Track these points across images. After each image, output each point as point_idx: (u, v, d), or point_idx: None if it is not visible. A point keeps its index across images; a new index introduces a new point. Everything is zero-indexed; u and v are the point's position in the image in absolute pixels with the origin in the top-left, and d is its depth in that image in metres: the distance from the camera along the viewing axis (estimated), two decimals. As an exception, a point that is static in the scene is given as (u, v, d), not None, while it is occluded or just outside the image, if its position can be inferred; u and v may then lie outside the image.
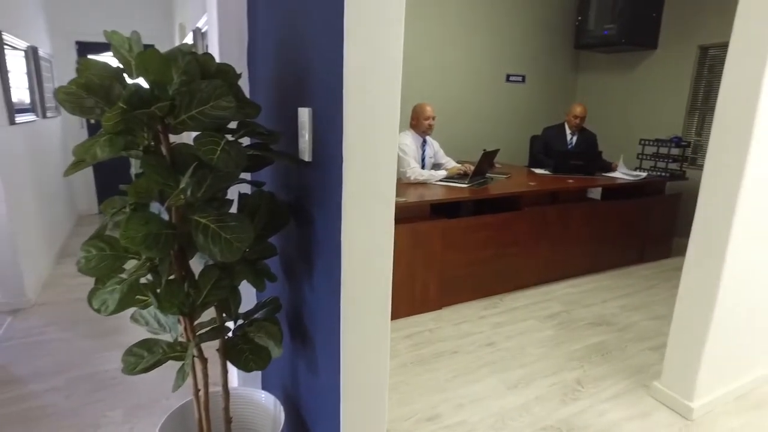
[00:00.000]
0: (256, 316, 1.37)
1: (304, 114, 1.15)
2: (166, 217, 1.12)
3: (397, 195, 3.00)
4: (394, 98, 1.02)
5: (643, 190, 4.13)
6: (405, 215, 2.93)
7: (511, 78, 5.24)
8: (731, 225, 1.95)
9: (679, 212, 4.41)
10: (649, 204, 4.11)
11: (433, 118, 3.61)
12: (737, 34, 1.90)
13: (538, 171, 4.20)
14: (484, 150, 3.68)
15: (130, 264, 1.15)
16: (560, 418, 2.14)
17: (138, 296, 1.16)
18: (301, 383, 1.46)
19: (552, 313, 3.18)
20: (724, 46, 4.38)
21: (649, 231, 4.19)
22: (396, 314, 3.02)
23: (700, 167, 4.55)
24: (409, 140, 3.55)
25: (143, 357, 1.17)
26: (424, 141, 3.69)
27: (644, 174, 4.14)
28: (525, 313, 3.17)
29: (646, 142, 4.34)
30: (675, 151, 4.26)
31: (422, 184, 3.40)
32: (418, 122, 3.59)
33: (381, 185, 1.06)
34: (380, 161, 1.05)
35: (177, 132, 1.09)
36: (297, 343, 1.44)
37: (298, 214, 1.32)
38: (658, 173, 4.25)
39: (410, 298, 3.04)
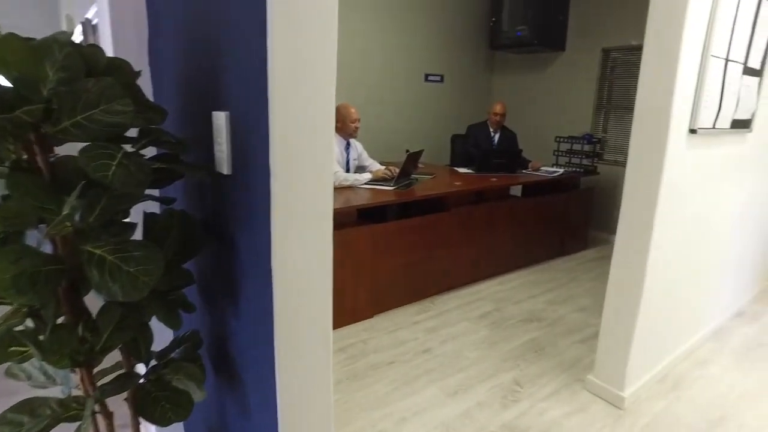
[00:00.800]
0: (172, 355, 1.17)
1: (220, 118, 0.97)
2: (49, 249, 0.90)
3: (324, 201, 2.86)
4: (328, 98, 0.88)
5: (560, 186, 4.29)
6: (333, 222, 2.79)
7: (429, 78, 5.25)
8: (653, 218, 2.01)
9: (593, 205, 4.64)
10: (566, 199, 4.27)
11: (359, 120, 3.49)
12: (650, 37, 1.95)
13: (461, 170, 4.22)
14: (408, 151, 3.62)
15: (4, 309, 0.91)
16: (503, 423, 2.11)
17: (13, 348, 0.93)
18: (230, 429, 1.27)
19: (484, 313, 3.17)
20: (623, 49, 4.66)
21: (568, 225, 4.36)
22: (328, 326, 2.86)
23: (607, 162, 4.82)
24: (333, 143, 3.40)
25: (22, 425, 0.93)
26: (348, 144, 3.55)
27: (561, 170, 4.29)
28: (458, 315, 3.14)
29: (561, 140, 4.52)
30: (587, 147, 4.46)
31: (348, 188, 3.27)
32: (344, 125, 3.45)
33: (317, 198, 0.92)
34: (316, 170, 0.91)
35: (58, 143, 0.88)
36: (223, 382, 1.26)
37: (219, 235, 1.14)
38: (573, 169, 4.43)
39: (341, 308, 2.90)
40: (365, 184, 3.36)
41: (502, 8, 5.07)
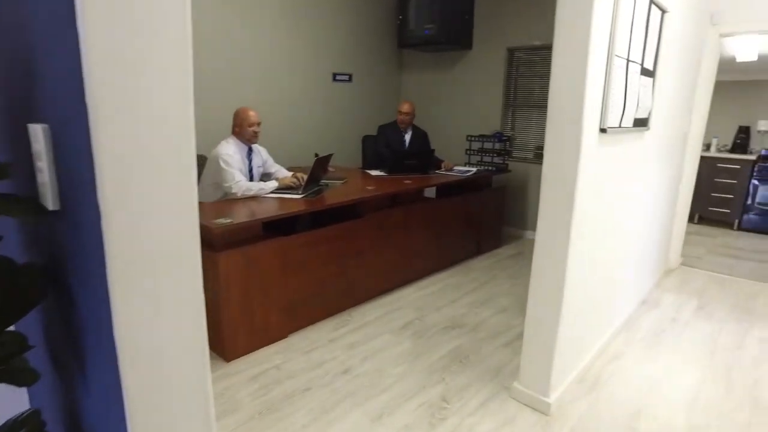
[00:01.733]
0: (2, 447, 0.88)
1: (37, 134, 0.71)
2: None
3: (223, 215, 2.56)
4: (183, 101, 0.66)
5: (473, 185, 4.28)
6: (233, 239, 2.51)
7: (338, 77, 5.05)
8: (572, 218, 1.96)
9: (506, 203, 4.69)
10: (480, 198, 4.28)
11: (258, 124, 3.20)
12: (559, 38, 1.89)
13: (373, 173, 4.07)
14: (317, 155, 3.41)
15: None
16: (431, 446, 1.97)
17: None
18: None
19: (406, 323, 3.04)
20: (526, 49, 4.76)
21: (483, 223, 4.37)
22: (234, 353, 2.58)
23: (517, 159, 4.92)
24: (233, 149, 3.10)
25: None
26: (250, 149, 3.26)
27: (474, 170, 4.29)
28: (378, 327, 2.98)
29: (472, 138, 4.52)
30: (498, 145, 4.50)
31: (252, 198, 2.99)
32: (241, 129, 3.16)
33: (176, 236, 0.69)
34: (172, 199, 0.68)
35: None
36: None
37: (55, 284, 0.86)
38: (486, 168, 4.45)
39: (249, 331, 2.63)
40: (271, 193, 3.10)
41: (409, 7, 4.99)
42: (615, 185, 2.40)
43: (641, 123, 2.51)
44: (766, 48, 5.14)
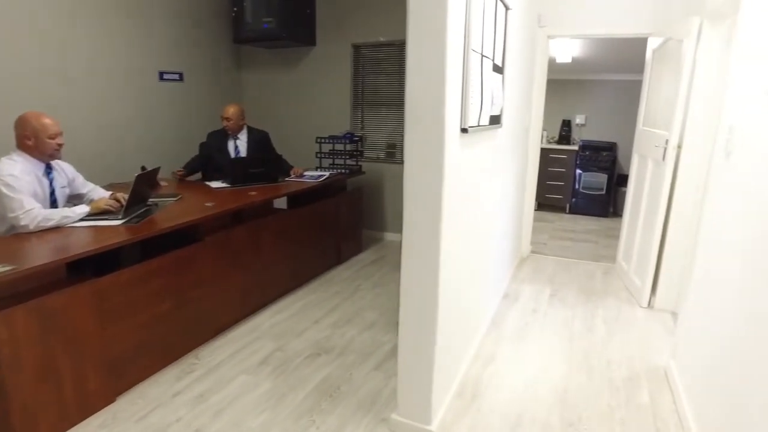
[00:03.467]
0: None
1: None
2: None
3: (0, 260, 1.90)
4: None
5: (328, 191, 4.00)
6: (19, 291, 1.89)
7: (165, 76, 4.38)
8: (440, 224, 1.77)
9: (363, 205, 4.50)
10: (335, 203, 4.01)
11: (61, 135, 2.51)
12: (413, 30, 1.67)
13: (214, 185, 3.56)
14: (143, 168, 2.83)
15: None
16: None
17: None
18: None
19: (264, 357, 2.64)
20: (372, 46, 4.61)
21: (341, 230, 4.12)
22: (38, 439, 1.95)
23: (370, 159, 4.76)
24: (20, 169, 2.37)
25: None
26: (49, 167, 2.55)
27: (327, 174, 4.01)
28: (232, 368, 2.54)
29: (322, 140, 4.23)
30: (349, 146, 4.27)
31: (53, 230, 2.33)
32: (38, 142, 2.42)
33: None
34: None
35: None
36: None
37: None
38: (339, 170, 4.20)
39: (57, 408, 2.01)
40: (82, 220, 2.46)
41: (243, -2, 4.51)
42: (477, 185, 2.30)
43: (496, 120, 2.45)
44: (577, 52, 5.70)
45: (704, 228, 2.28)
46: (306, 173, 4.01)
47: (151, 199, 2.89)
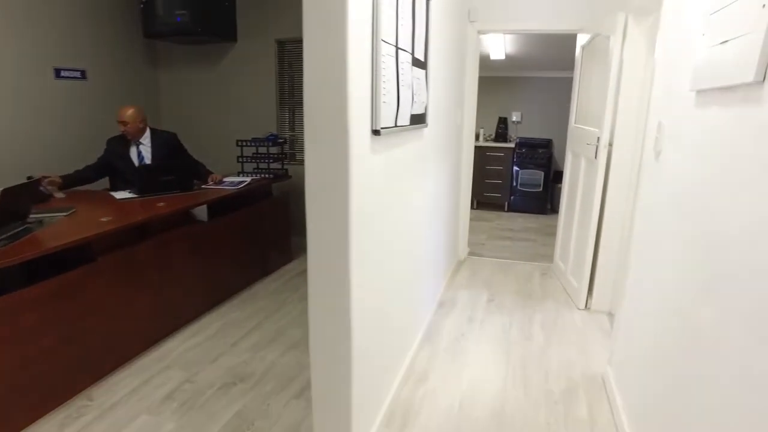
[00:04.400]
0: None
1: None
2: None
3: None
4: None
5: (252, 197, 3.70)
6: None
7: (63, 74, 3.91)
8: (348, 239, 1.55)
9: (291, 211, 4.22)
10: (260, 210, 3.72)
11: None
12: (309, 13, 1.44)
13: (118, 195, 3.18)
14: (29, 178, 2.44)
15: None
16: None
17: None
18: None
19: (170, 390, 2.33)
20: (297, 41, 4.33)
21: (268, 239, 3.82)
22: None
23: (301, 162, 4.47)
24: None
25: None
26: None
27: (248, 179, 3.70)
28: (131, 407, 2.21)
29: (244, 143, 3.92)
30: (273, 149, 3.98)
31: None
32: None
33: None
34: None
35: None
36: None
37: None
38: (263, 175, 3.90)
39: None
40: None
41: (152, -12, 4.11)
42: (399, 189, 2.09)
43: (419, 120, 2.25)
44: (510, 48, 5.65)
45: (637, 229, 2.18)
46: (226, 179, 3.69)
47: (31, 216, 2.49)
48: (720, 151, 1.32)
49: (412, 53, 2.05)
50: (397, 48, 1.82)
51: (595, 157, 3.09)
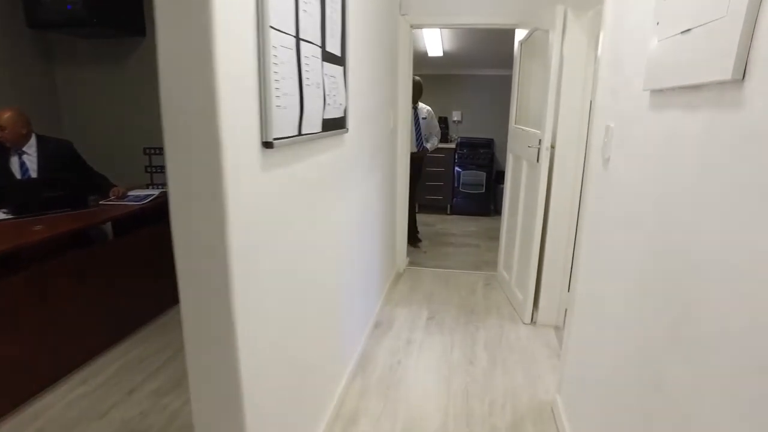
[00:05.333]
0: None
1: None
2: None
3: None
4: None
5: (162, 212, 3.24)
6: None
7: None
8: (229, 280, 1.20)
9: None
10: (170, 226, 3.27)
11: None
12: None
13: (-10, 217, 2.67)
14: None
15: None
16: None
17: None
18: None
19: (40, 462, 1.89)
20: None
21: (183, 259, 3.38)
22: None
23: (223, 170, 4.03)
24: None
25: None
26: None
27: (157, 192, 3.25)
28: (-16, 489, 1.76)
29: (152, 151, 3.45)
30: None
31: None
32: None
33: None
34: None
35: None
36: None
37: None
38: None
39: None
40: None
41: (33, -30, 3.54)
42: (308, 209, 1.76)
43: (336, 125, 1.92)
44: (448, 45, 5.42)
45: (583, 247, 1.94)
46: (131, 193, 3.22)
47: None
48: (683, 161, 1.07)
49: (323, 46, 1.72)
50: (299, 39, 1.48)
51: (537, 161, 2.87)
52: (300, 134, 1.52)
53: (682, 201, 1.06)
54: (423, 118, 4.62)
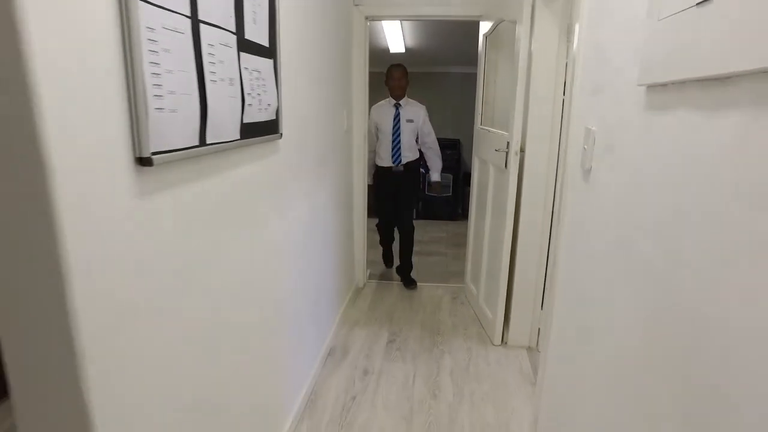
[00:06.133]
0: None
1: None
2: None
3: None
4: None
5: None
6: None
7: None
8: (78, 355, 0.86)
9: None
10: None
11: None
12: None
13: None
14: None
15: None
16: None
17: None
18: None
19: None
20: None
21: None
22: None
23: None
24: None
25: None
26: None
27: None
28: None
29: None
30: None
31: None
32: None
33: None
34: None
35: None
36: None
37: None
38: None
39: None
40: None
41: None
42: (223, 236, 1.41)
43: (263, 129, 1.58)
44: (410, 40, 5.13)
45: (560, 275, 1.66)
46: None
47: None
48: (701, 181, 0.78)
49: (238, 33, 1.37)
50: (197, 21, 1.13)
51: (506, 166, 2.59)
52: (203, 144, 1.17)
53: (700, 238, 0.77)
54: (409, 121, 3.54)
